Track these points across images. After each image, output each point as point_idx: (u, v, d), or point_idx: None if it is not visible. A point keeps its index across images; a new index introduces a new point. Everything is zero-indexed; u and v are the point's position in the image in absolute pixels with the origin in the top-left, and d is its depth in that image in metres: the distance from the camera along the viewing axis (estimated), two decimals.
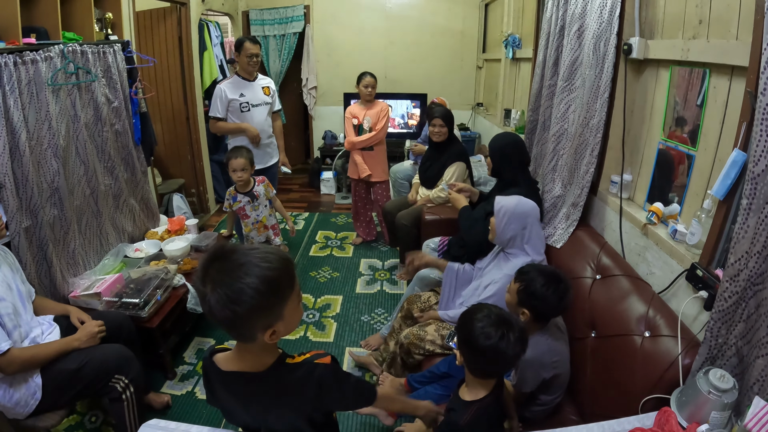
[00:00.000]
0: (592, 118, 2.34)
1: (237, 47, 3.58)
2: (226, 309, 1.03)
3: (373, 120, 4.09)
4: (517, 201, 2.30)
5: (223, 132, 3.74)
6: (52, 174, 2.45)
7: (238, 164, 3.08)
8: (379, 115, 4.09)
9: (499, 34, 4.96)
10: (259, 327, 1.10)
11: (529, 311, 1.80)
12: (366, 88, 4.01)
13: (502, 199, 2.31)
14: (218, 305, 1.03)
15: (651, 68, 2.17)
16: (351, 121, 4.09)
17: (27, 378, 1.90)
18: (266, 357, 1.22)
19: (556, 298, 1.77)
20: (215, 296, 1.03)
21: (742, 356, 1.38)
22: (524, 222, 2.26)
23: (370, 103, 4.12)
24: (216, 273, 1.05)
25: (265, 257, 1.08)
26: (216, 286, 1.03)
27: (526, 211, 2.28)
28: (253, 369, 1.21)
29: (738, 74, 1.59)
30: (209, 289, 1.04)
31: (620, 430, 1.45)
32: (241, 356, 1.23)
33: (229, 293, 1.02)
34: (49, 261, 2.44)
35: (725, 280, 1.37)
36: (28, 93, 2.29)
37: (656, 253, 1.99)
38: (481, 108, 5.92)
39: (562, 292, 1.78)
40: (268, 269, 1.06)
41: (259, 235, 3.31)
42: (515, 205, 2.27)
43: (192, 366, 2.88)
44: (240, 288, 1.03)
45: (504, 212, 2.25)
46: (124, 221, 3.23)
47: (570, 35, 2.51)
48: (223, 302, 1.02)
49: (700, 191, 1.81)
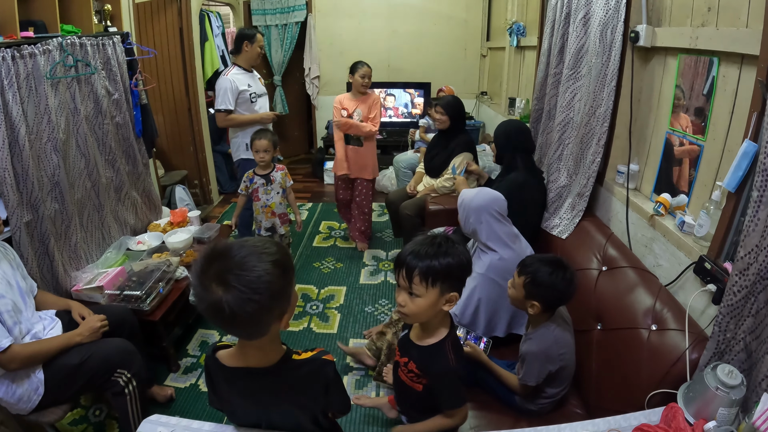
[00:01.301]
0: (598, 107, 2.31)
1: (249, 38, 3.55)
2: (250, 302, 1.00)
3: (364, 113, 3.84)
4: (475, 193, 2.27)
5: (237, 123, 3.58)
6: (52, 168, 2.43)
7: (261, 145, 3.11)
8: (371, 108, 3.85)
9: (503, 22, 4.90)
10: (276, 314, 1.10)
11: (540, 302, 1.77)
12: (363, 79, 3.74)
13: (464, 192, 2.29)
14: (239, 301, 1.00)
15: (659, 56, 2.13)
16: (339, 111, 3.83)
17: (29, 374, 1.89)
18: (272, 352, 1.21)
19: (565, 284, 1.75)
20: (233, 295, 1.00)
21: (751, 352, 1.35)
22: (479, 216, 2.22)
23: (362, 95, 3.86)
24: (221, 273, 1.02)
25: (263, 245, 1.08)
26: (229, 284, 1.00)
27: (482, 205, 2.22)
28: (258, 364, 1.20)
29: (748, 63, 1.55)
30: (221, 291, 1.00)
31: (626, 426, 1.43)
32: (245, 352, 1.21)
33: (249, 285, 1.00)
34: (50, 255, 2.43)
35: (734, 274, 1.34)
36: (26, 87, 2.27)
37: (663, 245, 1.96)
38: (485, 97, 5.88)
39: (569, 278, 1.76)
40: (273, 253, 1.07)
41: (266, 220, 3.30)
42: (471, 198, 2.24)
43: (195, 358, 2.88)
44: (257, 276, 1.01)
45: (462, 206, 2.23)
46: (126, 214, 3.22)
47: (576, 22, 2.47)
48: (245, 296, 1.00)
49: (709, 182, 1.78)
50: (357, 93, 3.85)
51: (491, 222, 2.23)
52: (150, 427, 1.46)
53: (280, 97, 6.10)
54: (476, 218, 2.22)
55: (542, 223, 2.73)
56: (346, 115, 3.83)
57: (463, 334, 2.12)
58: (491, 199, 2.25)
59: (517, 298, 1.83)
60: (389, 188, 5.26)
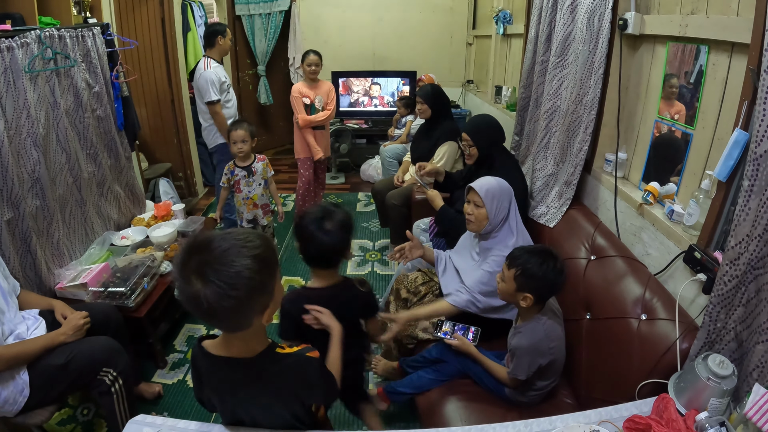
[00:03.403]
0: (585, 94, 2.30)
1: (222, 32, 3.69)
2: (227, 298, 0.99)
3: (324, 99, 4.13)
4: (496, 179, 2.23)
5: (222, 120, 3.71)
6: (32, 164, 2.37)
7: (238, 135, 3.09)
8: (329, 94, 4.15)
9: (489, 10, 4.88)
10: (257, 309, 1.09)
11: (532, 294, 1.75)
12: (310, 67, 4.01)
13: (483, 183, 2.21)
14: (217, 296, 0.98)
15: (647, 44, 2.11)
16: (301, 100, 4.05)
17: (14, 375, 1.85)
18: (256, 344, 1.21)
19: (556, 274, 1.73)
20: (210, 289, 0.98)
21: (741, 341, 1.36)
22: (510, 196, 2.20)
23: (315, 83, 4.12)
24: (201, 266, 1.00)
25: (246, 238, 1.07)
26: (207, 278, 0.99)
27: (508, 186, 2.23)
28: (240, 355, 1.20)
29: (738, 51, 1.54)
30: (199, 284, 0.99)
31: (618, 417, 1.42)
32: (229, 343, 1.21)
33: (227, 280, 0.99)
34: (33, 253, 2.37)
35: (725, 264, 1.34)
36: (4, 81, 2.20)
37: (652, 234, 1.96)
38: (471, 85, 5.85)
39: (560, 268, 1.75)
40: (255, 247, 1.05)
41: (248, 212, 3.28)
42: (498, 183, 2.20)
43: (183, 354, 2.85)
44: (236, 272, 1.00)
45: (492, 195, 2.15)
46: (110, 209, 3.16)
47: (563, 9, 2.45)
48: (222, 291, 0.98)
49: (698, 171, 1.78)
50: (309, 81, 4.10)
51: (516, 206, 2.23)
52: (136, 428, 1.44)
53: (264, 87, 6.03)
54: (507, 199, 2.19)
55: (529, 211, 2.72)
56: (309, 102, 4.08)
57: (450, 327, 2.11)
58: (507, 184, 2.23)
59: (508, 292, 1.80)
60: (375, 178, 5.24)
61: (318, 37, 6.05)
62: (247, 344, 1.20)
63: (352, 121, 5.86)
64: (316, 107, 4.09)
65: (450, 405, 1.92)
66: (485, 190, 2.16)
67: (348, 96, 5.96)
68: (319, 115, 4.09)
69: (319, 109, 4.10)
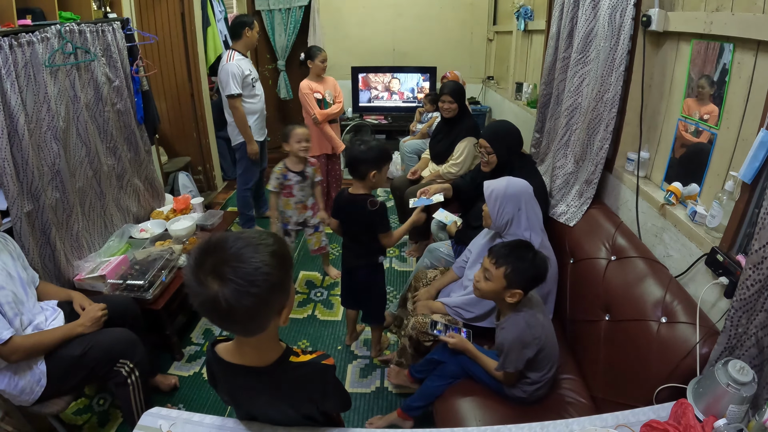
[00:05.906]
0: (606, 91, 2.25)
1: (249, 24, 3.68)
2: (247, 296, 0.96)
3: (332, 92, 4.15)
4: (507, 182, 2.19)
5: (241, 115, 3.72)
6: (52, 156, 2.40)
7: (301, 134, 3.03)
8: (336, 88, 4.19)
9: (510, 6, 4.81)
10: (275, 308, 1.06)
11: (522, 289, 1.76)
12: (323, 63, 4.02)
13: (491, 183, 2.20)
14: (236, 295, 0.95)
15: (671, 41, 2.06)
16: (313, 96, 4.04)
17: (31, 365, 1.88)
18: (270, 351, 1.18)
19: (540, 263, 1.77)
20: (229, 288, 0.95)
21: (762, 347, 1.32)
22: (518, 203, 2.15)
23: (321, 79, 4.12)
24: (218, 266, 0.97)
25: (259, 235, 1.04)
26: (225, 277, 0.96)
27: (519, 191, 2.17)
28: (254, 363, 1.17)
29: (764, 50, 1.50)
30: (216, 285, 0.96)
31: (635, 421, 1.40)
32: (242, 350, 1.18)
33: (246, 277, 0.96)
34: (52, 245, 2.41)
35: (748, 268, 1.30)
36: (25, 75, 2.23)
37: (674, 235, 1.92)
38: (491, 81, 5.79)
39: (543, 258, 1.78)
40: (271, 244, 1.03)
41: (299, 215, 3.26)
42: (506, 187, 2.17)
43: (199, 346, 2.87)
44: (255, 267, 0.97)
45: (495, 196, 2.14)
46: (129, 201, 3.20)
47: (585, 5, 2.40)
48: (242, 290, 0.95)
49: (722, 172, 1.73)
50: (317, 77, 4.07)
51: (534, 206, 2.19)
52: (151, 420, 1.45)
53: (284, 81, 6.03)
54: (514, 206, 2.14)
55: (549, 210, 2.68)
56: (320, 97, 4.06)
57: (443, 328, 2.10)
58: (526, 185, 2.20)
59: (495, 290, 1.80)
60: (395, 174, 5.21)
61: (337, 32, 6.03)
62: (260, 351, 1.17)
63: (372, 116, 5.84)
64: (328, 101, 4.11)
65: (463, 406, 1.90)
66: (490, 190, 2.17)
67: (368, 91, 5.94)
68: (333, 108, 4.11)
69: (331, 103, 4.11)
